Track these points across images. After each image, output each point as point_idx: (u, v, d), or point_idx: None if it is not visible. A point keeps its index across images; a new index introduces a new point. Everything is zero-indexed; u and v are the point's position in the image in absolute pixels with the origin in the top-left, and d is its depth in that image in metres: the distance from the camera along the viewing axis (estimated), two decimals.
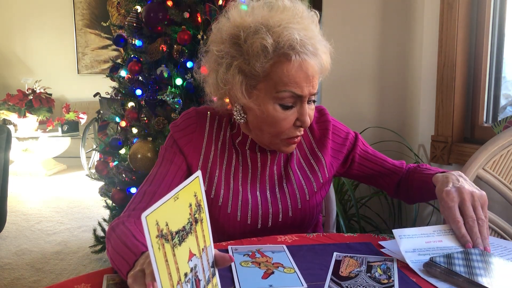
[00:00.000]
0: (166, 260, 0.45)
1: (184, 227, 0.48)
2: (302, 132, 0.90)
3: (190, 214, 0.49)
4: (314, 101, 0.89)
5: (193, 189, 0.50)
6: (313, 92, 0.85)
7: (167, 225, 0.45)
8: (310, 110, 0.88)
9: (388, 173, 1.05)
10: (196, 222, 0.51)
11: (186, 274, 0.48)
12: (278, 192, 0.96)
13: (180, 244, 0.47)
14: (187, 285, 0.48)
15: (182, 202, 0.48)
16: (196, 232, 0.50)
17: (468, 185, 0.84)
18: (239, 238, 0.89)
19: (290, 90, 0.82)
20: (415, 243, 0.78)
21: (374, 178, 1.06)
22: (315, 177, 0.98)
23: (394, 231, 0.80)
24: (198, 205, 0.51)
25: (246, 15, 0.85)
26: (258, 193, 0.95)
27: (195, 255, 0.51)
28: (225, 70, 0.85)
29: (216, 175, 0.94)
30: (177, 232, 0.47)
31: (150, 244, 0.43)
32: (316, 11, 0.89)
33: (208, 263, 0.55)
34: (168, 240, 0.45)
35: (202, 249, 0.53)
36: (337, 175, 1.06)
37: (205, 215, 0.53)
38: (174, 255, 0.46)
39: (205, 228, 0.53)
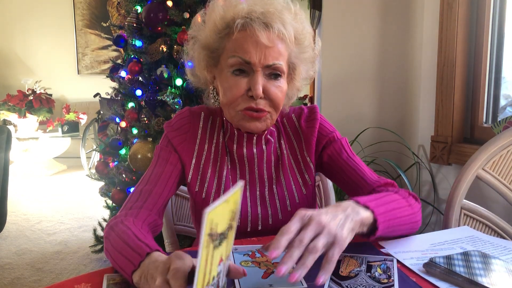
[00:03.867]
0: (206, 260, 0.45)
1: (224, 231, 0.48)
2: (260, 106, 0.86)
3: (230, 220, 0.49)
4: (279, 75, 0.86)
5: (235, 196, 0.50)
6: (265, 63, 0.83)
7: (216, 225, 0.45)
8: (273, 87, 0.86)
9: (354, 186, 0.95)
10: (230, 228, 0.51)
11: (213, 278, 0.49)
12: (268, 195, 0.95)
13: (218, 246, 0.47)
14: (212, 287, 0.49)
15: (228, 207, 0.48)
16: (228, 238, 0.51)
17: (338, 222, 0.66)
18: None
19: (238, 55, 0.85)
20: (412, 255, 0.78)
21: (342, 185, 0.98)
22: (303, 179, 0.97)
23: (389, 250, 0.80)
24: (234, 213, 0.51)
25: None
26: (248, 194, 0.95)
27: (223, 260, 0.51)
28: (192, 49, 0.94)
29: (208, 175, 0.94)
30: (220, 235, 0.47)
31: (203, 240, 0.43)
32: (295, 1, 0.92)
33: (225, 271, 0.55)
34: (213, 240, 0.45)
35: (227, 256, 0.53)
36: (319, 169, 1.01)
37: (236, 223, 0.53)
38: (212, 256, 0.46)
39: (232, 237, 0.53)
